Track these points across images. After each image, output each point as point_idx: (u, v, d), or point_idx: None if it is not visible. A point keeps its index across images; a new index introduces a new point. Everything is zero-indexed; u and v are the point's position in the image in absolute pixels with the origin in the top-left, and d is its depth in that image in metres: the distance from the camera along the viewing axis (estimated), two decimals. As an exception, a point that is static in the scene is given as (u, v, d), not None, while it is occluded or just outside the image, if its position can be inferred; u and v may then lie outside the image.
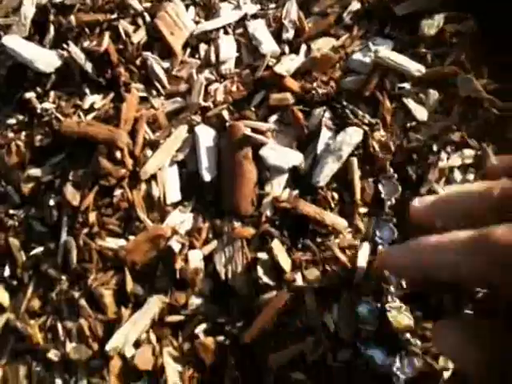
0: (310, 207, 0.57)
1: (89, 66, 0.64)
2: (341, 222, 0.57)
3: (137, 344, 0.54)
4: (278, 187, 0.60)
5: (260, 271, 0.55)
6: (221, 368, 0.54)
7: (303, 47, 0.67)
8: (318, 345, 0.52)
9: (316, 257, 0.55)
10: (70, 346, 0.54)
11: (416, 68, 0.63)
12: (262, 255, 0.56)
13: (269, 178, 0.60)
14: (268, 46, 0.66)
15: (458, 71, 0.62)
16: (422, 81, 0.63)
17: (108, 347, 0.53)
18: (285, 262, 0.55)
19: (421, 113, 0.61)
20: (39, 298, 0.58)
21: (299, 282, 0.55)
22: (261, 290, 0.55)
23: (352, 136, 0.60)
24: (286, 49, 0.67)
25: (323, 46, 0.67)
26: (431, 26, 0.65)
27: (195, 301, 0.55)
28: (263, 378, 0.53)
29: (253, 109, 0.64)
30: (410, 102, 0.62)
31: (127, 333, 0.53)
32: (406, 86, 0.63)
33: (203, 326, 0.55)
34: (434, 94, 0.62)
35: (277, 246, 0.56)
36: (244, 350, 0.54)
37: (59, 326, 0.55)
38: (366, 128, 0.60)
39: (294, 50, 0.67)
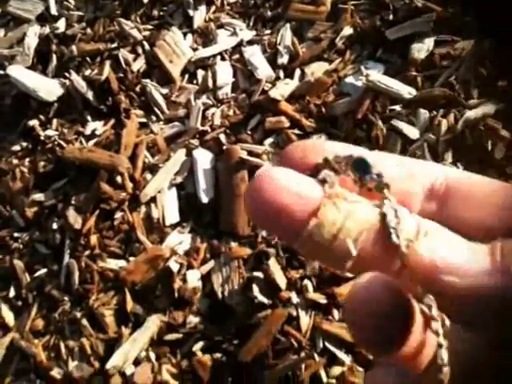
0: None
1: (90, 94, 0.69)
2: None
3: (136, 362, 0.58)
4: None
5: (256, 290, 0.59)
6: (218, 385, 0.57)
7: (297, 72, 0.72)
8: (311, 361, 0.56)
9: (311, 274, 0.59)
10: (72, 365, 0.58)
11: (407, 91, 0.67)
12: (258, 274, 0.60)
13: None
14: (263, 71, 0.71)
15: (448, 93, 0.66)
16: (412, 103, 0.67)
17: (108, 365, 0.56)
18: (280, 281, 0.59)
19: (412, 132, 0.66)
20: (43, 317, 0.62)
21: (294, 299, 0.59)
22: (257, 309, 0.59)
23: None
24: (281, 73, 0.72)
25: (317, 70, 0.72)
26: (421, 49, 0.69)
27: (193, 319, 0.59)
28: (259, 394, 0.56)
29: (249, 132, 0.68)
30: (401, 123, 0.66)
31: (127, 351, 0.57)
32: (397, 108, 0.67)
33: (201, 343, 0.58)
34: (424, 114, 0.66)
35: (273, 265, 0.60)
36: (241, 367, 0.57)
37: (62, 345, 0.59)
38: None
39: (289, 75, 0.72)
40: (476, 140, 0.65)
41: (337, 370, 0.56)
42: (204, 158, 0.66)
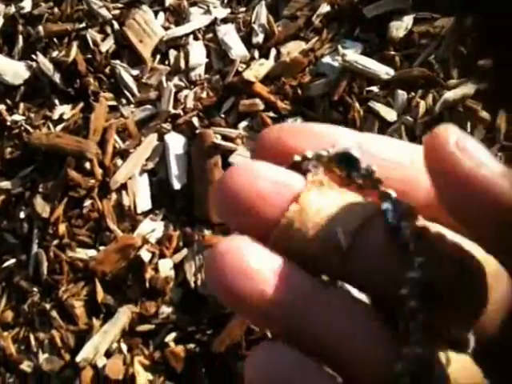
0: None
1: (57, 77, 0.67)
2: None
3: (108, 354, 0.57)
4: (248, 194, 0.63)
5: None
6: (192, 376, 0.56)
7: (273, 51, 0.69)
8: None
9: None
10: (42, 357, 0.57)
11: (384, 71, 0.65)
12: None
13: (239, 184, 0.63)
14: (237, 51, 0.69)
15: (427, 73, 0.64)
16: (390, 83, 0.65)
17: (79, 358, 0.55)
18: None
19: (390, 114, 0.64)
20: (12, 309, 0.60)
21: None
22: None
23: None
24: (256, 53, 0.69)
25: (293, 49, 0.69)
26: (400, 27, 0.67)
27: (165, 310, 0.58)
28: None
29: (222, 115, 0.66)
30: (379, 105, 0.64)
31: (98, 343, 0.56)
32: (375, 89, 0.65)
33: (173, 334, 0.58)
34: (402, 95, 0.64)
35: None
36: (214, 358, 0.56)
37: (32, 337, 0.58)
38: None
39: (264, 55, 0.69)
40: (455, 122, 0.63)
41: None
42: (176, 143, 0.64)
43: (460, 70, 0.65)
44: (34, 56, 0.68)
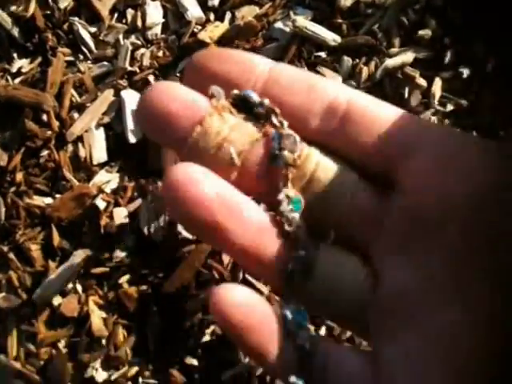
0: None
1: (16, 31, 0.68)
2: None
3: (63, 294, 0.60)
4: (200, 149, 0.66)
5: (180, 226, 0.62)
6: (143, 314, 0.61)
7: (228, 15, 0.72)
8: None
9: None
10: (-1, 296, 0.60)
11: (332, 37, 0.69)
12: (183, 212, 0.62)
13: (192, 140, 0.66)
14: (193, 12, 0.71)
15: (371, 41, 0.69)
16: (337, 50, 0.69)
17: (35, 296, 0.59)
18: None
19: (335, 79, 0.68)
20: (-31, 252, 0.63)
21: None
22: (181, 244, 0.62)
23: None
24: (212, 16, 0.72)
25: (247, 13, 0.73)
26: (347, -3, 0.71)
27: (119, 254, 0.62)
28: (182, 321, 0.60)
29: (178, 74, 0.69)
30: (326, 70, 0.69)
31: (54, 283, 0.59)
32: (323, 54, 0.69)
33: (127, 276, 0.61)
34: (347, 61, 0.69)
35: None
36: (165, 298, 0.60)
37: (-11, 278, 0.60)
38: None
39: (219, 18, 0.72)
40: (394, 87, 0.68)
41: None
42: (132, 99, 0.67)
43: (401, 39, 0.70)
44: (-9, 9, 0.69)
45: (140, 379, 0.59)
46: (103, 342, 0.60)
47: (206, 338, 0.60)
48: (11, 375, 0.59)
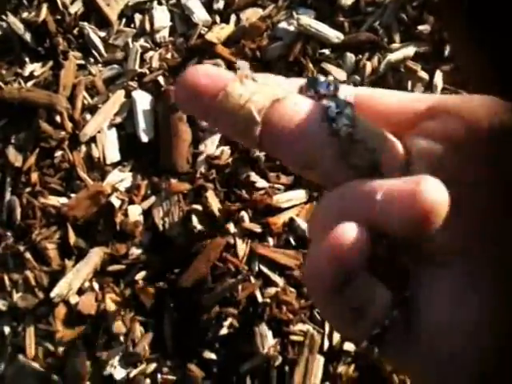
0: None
1: (28, 36, 0.69)
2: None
3: (80, 292, 0.60)
4: (211, 146, 0.67)
5: (195, 221, 0.62)
6: (160, 310, 0.60)
7: (233, 17, 0.74)
8: (247, 284, 0.60)
9: (247, 205, 0.63)
10: (16, 296, 0.59)
11: (335, 35, 0.71)
12: (197, 207, 0.63)
13: (203, 138, 0.67)
14: (200, 15, 0.73)
15: (373, 37, 0.70)
16: (340, 46, 0.71)
17: (53, 294, 0.58)
18: (218, 212, 0.63)
19: (340, 75, 0.70)
20: (-14, 254, 0.63)
21: (231, 229, 0.62)
22: (196, 239, 0.62)
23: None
24: (217, 18, 0.74)
25: (251, 15, 0.74)
26: (349, -4, 0.73)
27: (135, 251, 0.62)
28: (199, 316, 0.60)
29: (186, 75, 0.70)
30: (330, 66, 0.70)
31: (71, 281, 0.59)
32: (326, 51, 0.71)
33: (143, 273, 0.61)
34: (351, 57, 0.70)
35: (211, 198, 0.63)
36: (181, 293, 0.60)
37: (6, 277, 0.60)
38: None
39: (225, 20, 0.74)
40: (397, 80, 0.69)
41: (271, 291, 0.60)
42: (143, 100, 0.68)
43: (402, 34, 0.72)
44: (3, 16, 0.70)
45: (158, 375, 0.59)
46: (121, 338, 0.60)
47: (224, 331, 0.60)
48: (30, 375, 0.59)
